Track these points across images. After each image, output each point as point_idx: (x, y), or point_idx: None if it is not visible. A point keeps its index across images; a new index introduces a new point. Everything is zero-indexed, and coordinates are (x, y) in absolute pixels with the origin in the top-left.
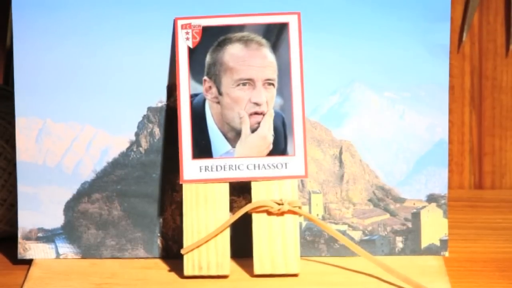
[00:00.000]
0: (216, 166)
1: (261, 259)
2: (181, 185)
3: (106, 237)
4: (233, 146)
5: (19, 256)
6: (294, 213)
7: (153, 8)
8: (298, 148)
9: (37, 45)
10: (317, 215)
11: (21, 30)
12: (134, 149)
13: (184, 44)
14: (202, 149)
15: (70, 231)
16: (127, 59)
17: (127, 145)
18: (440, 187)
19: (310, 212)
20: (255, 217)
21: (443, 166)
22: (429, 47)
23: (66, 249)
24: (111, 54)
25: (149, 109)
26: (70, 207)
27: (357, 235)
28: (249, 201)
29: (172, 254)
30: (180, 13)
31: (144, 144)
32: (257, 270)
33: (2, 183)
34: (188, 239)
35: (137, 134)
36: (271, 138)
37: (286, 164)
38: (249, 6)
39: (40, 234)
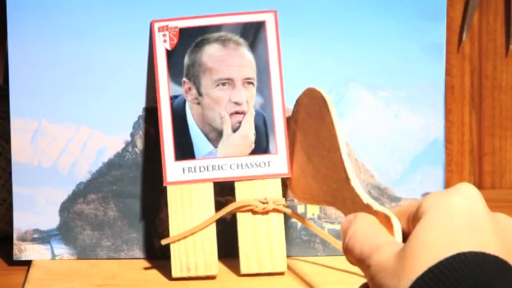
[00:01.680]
0: (200, 167)
1: (247, 259)
2: None
3: (102, 238)
4: (215, 146)
5: (15, 257)
6: (279, 211)
7: (149, 9)
8: (280, 146)
9: (32, 46)
10: (313, 214)
11: (16, 31)
12: (130, 150)
13: (162, 47)
14: (184, 150)
15: (65, 232)
16: (122, 60)
17: (123, 145)
18: (435, 186)
19: (305, 212)
20: (240, 216)
21: (439, 165)
22: (425, 46)
23: (61, 250)
24: (107, 55)
25: (145, 109)
26: (66, 208)
27: None
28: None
29: (168, 254)
30: (177, 14)
31: (140, 144)
32: (244, 269)
33: (2, 183)
34: (175, 240)
35: (132, 135)
36: (252, 137)
37: (269, 162)
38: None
39: (35, 235)
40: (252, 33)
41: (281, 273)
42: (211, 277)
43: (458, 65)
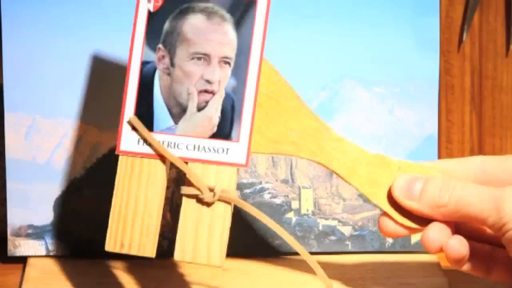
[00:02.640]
0: None
1: (183, 245)
2: (170, 181)
3: (96, 234)
4: (176, 122)
5: (9, 253)
6: (227, 203)
7: None
8: (243, 135)
9: (27, 41)
10: (307, 210)
11: (10, 25)
12: None
13: (145, 7)
14: (144, 120)
15: (60, 227)
16: (118, 54)
17: None
18: None
19: (300, 207)
20: (185, 201)
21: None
22: (419, 42)
23: (56, 245)
24: (102, 50)
25: None
26: (60, 203)
27: (347, 230)
28: None
29: (163, 250)
30: None
31: None
32: (177, 256)
33: (2, 183)
34: (115, 213)
35: None
36: (216, 120)
37: (227, 150)
38: None
39: (30, 231)
40: (240, 11)
41: (218, 267)
42: (148, 259)
43: (458, 65)
